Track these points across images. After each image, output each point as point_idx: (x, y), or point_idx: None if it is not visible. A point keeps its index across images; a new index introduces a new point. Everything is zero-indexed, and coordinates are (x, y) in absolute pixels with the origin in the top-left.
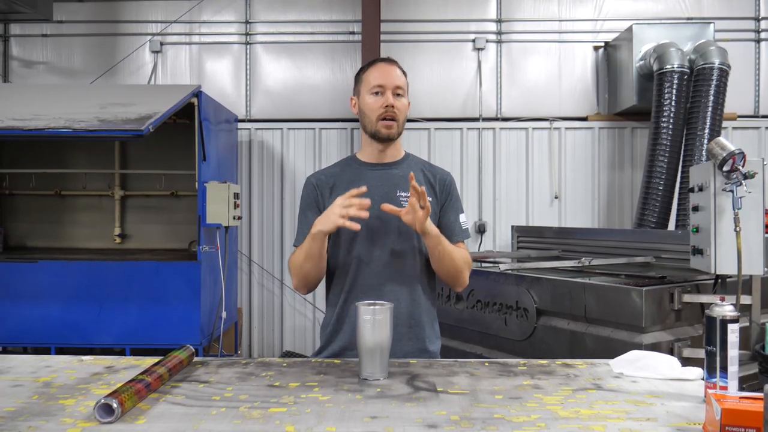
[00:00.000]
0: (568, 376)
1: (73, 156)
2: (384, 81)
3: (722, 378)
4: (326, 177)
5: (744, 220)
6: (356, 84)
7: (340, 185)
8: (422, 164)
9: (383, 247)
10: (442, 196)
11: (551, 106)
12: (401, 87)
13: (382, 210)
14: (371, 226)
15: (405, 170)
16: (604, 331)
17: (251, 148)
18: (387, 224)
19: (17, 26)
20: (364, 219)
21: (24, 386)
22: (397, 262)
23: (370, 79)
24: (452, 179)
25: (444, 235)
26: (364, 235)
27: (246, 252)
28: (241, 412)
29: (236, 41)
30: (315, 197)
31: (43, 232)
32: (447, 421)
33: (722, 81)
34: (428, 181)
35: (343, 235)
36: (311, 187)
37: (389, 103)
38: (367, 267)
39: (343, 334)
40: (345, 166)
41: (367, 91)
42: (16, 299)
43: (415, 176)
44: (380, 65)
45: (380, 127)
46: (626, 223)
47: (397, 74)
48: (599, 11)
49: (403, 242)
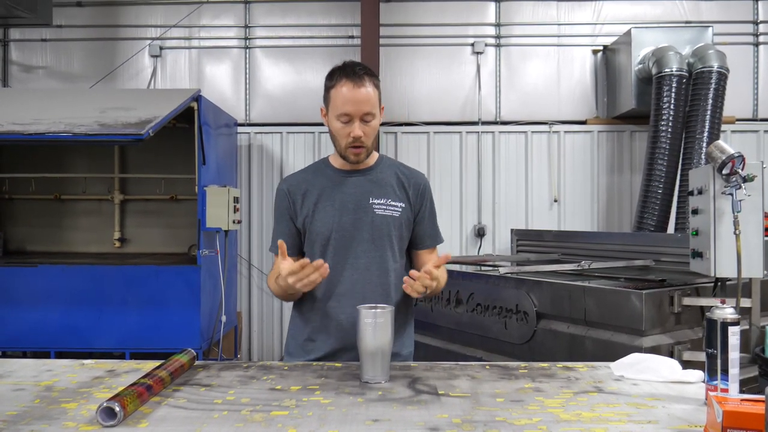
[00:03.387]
0: (569, 379)
1: (72, 160)
2: (351, 110)
3: (723, 380)
4: (298, 182)
5: (743, 223)
6: (325, 93)
7: (313, 191)
8: (396, 167)
9: (357, 255)
10: (416, 201)
11: (550, 110)
12: (370, 112)
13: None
14: (345, 234)
15: (378, 176)
16: (603, 335)
17: (251, 152)
18: (360, 232)
19: (17, 31)
20: (337, 230)
21: (26, 390)
22: (371, 269)
23: (337, 104)
24: (427, 183)
25: (419, 241)
26: (338, 242)
27: (245, 256)
28: (243, 415)
29: (236, 45)
30: (287, 205)
31: (42, 237)
32: (449, 424)
33: (721, 84)
34: (401, 185)
35: (317, 243)
36: (283, 194)
37: (356, 135)
38: (341, 274)
39: (320, 342)
40: (317, 171)
41: (335, 115)
42: (16, 303)
43: (387, 180)
44: (348, 87)
45: (349, 154)
46: (625, 226)
47: (365, 98)
48: (598, 15)
49: (377, 249)
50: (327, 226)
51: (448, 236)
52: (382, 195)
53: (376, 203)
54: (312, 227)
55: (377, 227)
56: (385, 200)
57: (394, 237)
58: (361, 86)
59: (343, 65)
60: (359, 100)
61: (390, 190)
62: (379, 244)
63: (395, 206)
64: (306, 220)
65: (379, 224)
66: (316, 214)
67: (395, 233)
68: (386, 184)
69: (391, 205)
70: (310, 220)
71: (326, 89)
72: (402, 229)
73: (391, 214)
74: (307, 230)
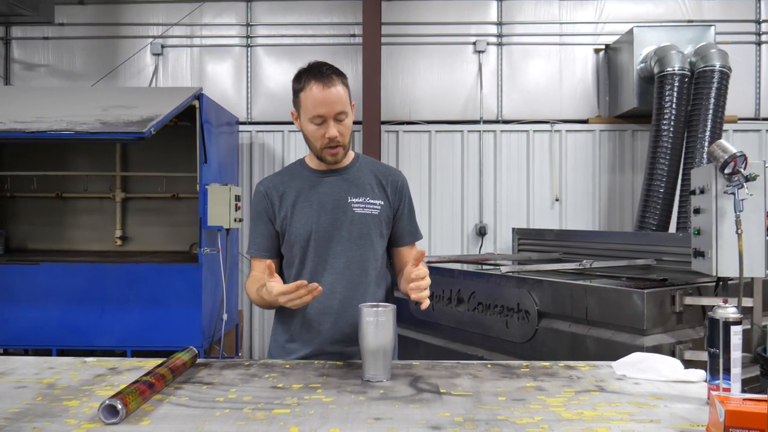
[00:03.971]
0: (571, 378)
1: (74, 158)
2: (324, 111)
3: (725, 380)
4: (275, 184)
5: (745, 222)
6: (295, 98)
7: (290, 193)
8: (372, 165)
9: (336, 255)
10: (394, 199)
11: (552, 109)
12: (343, 111)
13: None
14: (324, 234)
15: (355, 174)
16: (605, 334)
17: (252, 150)
18: (339, 231)
19: (19, 29)
20: (316, 230)
21: (28, 387)
22: (351, 268)
23: (308, 107)
24: (404, 180)
25: (399, 239)
26: (318, 243)
27: (247, 254)
28: (245, 413)
29: (237, 44)
30: (265, 206)
31: (44, 235)
32: (450, 422)
33: (723, 83)
34: (379, 183)
35: (297, 245)
36: (261, 196)
37: (331, 135)
38: (321, 275)
39: (301, 343)
40: (294, 172)
41: (307, 118)
42: (18, 301)
43: (365, 179)
44: (318, 89)
45: (325, 155)
46: (627, 225)
47: (336, 97)
48: (600, 14)
49: (358, 248)
50: (306, 227)
51: (450, 235)
52: (361, 194)
53: (354, 202)
54: (291, 229)
55: (357, 226)
56: (363, 198)
57: (374, 235)
58: (331, 86)
59: (309, 67)
60: (331, 101)
61: (368, 188)
62: (359, 242)
63: (374, 204)
64: (284, 222)
65: (359, 223)
66: (295, 216)
67: (375, 231)
68: (364, 183)
69: (370, 203)
70: (289, 222)
71: (295, 93)
72: (382, 226)
73: (371, 212)
74: (285, 232)
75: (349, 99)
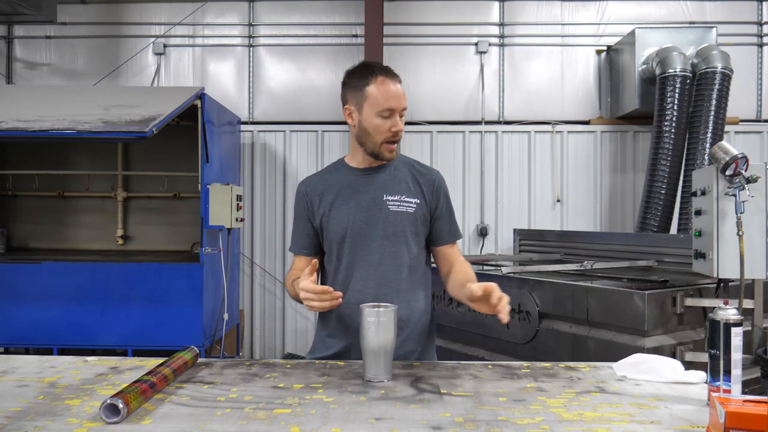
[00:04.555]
0: (572, 379)
1: (76, 157)
2: (395, 104)
3: (726, 381)
4: (315, 183)
5: (746, 224)
6: (354, 93)
7: (329, 191)
8: (410, 164)
9: (370, 252)
10: (431, 198)
11: (553, 110)
12: (406, 108)
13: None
14: (359, 232)
15: (392, 173)
16: (606, 335)
17: (254, 150)
18: (374, 229)
19: (21, 28)
20: (351, 227)
21: (29, 386)
22: (385, 264)
23: (379, 100)
24: (441, 179)
25: (437, 238)
26: (353, 240)
27: (248, 254)
28: (246, 413)
29: (239, 43)
30: (305, 205)
31: (45, 234)
32: (451, 423)
33: (724, 85)
34: (416, 181)
35: (334, 242)
36: (301, 195)
37: (399, 129)
38: (355, 272)
39: (338, 339)
40: (334, 171)
41: (374, 111)
42: (19, 300)
43: (402, 177)
44: (388, 84)
45: (384, 151)
46: (628, 226)
47: (403, 93)
48: (602, 15)
49: (392, 245)
50: (342, 224)
51: None
52: (397, 192)
53: (390, 200)
54: (328, 226)
55: (391, 223)
56: (399, 197)
57: (409, 233)
58: (398, 82)
59: (370, 64)
60: (400, 95)
61: (404, 186)
62: (393, 240)
63: (410, 202)
64: (323, 220)
65: (393, 220)
66: (332, 214)
67: (410, 229)
68: (401, 181)
69: (405, 201)
70: (327, 220)
71: (357, 87)
72: (417, 224)
73: (406, 210)
74: (324, 229)
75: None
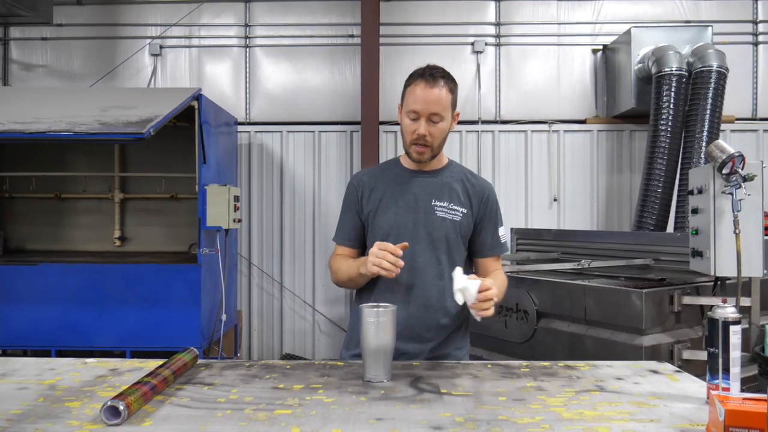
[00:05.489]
0: (571, 378)
1: (73, 159)
2: (420, 108)
3: (725, 379)
4: (368, 179)
5: (743, 222)
6: (403, 91)
7: (380, 188)
8: (463, 173)
9: (414, 254)
10: (478, 210)
11: (550, 109)
12: (438, 113)
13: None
14: (404, 232)
15: (444, 179)
16: (604, 334)
17: (251, 150)
18: (418, 231)
19: (17, 29)
20: (397, 226)
21: (29, 389)
22: (428, 270)
23: (408, 101)
24: (492, 192)
25: (480, 250)
26: (397, 239)
27: (246, 255)
28: (246, 414)
29: (236, 44)
30: (355, 198)
31: (43, 235)
32: (452, 422)
33: (720, 84)
34: (466, 192)
35: (378, 238)
36: (352, 188)
37: (420, 133)
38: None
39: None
40: (388, 169)
41: (405, 111)
42: (16, 302)
43: (453, 185)
44: (421, 87)
45: (412, 151)
46: (625, 225)
47: (435, 98)
48: (598, 14)
49: (434, 250)
50: (388, 222)
51: None
52: (446, 198)
53: (438, 205)
54: (375, 222)
55: (436, 228)
56: (447, 203)
57: (452, 241)
58: (434, 87)
59: (426, 67)
60: (429, 100)
61: (454, 194)
62: (436, 245)
63: (457, 211)
64: (370, 215)
65: (439, 226)
66: (380, 210)
67: (453, 237)
68: (451, 189)
69: (453, 209)
70: (374, 215)
71: (404, 87)
72: (460, 234)
73: (452, 218)
74: (370, 224)
75: (450, 105)
